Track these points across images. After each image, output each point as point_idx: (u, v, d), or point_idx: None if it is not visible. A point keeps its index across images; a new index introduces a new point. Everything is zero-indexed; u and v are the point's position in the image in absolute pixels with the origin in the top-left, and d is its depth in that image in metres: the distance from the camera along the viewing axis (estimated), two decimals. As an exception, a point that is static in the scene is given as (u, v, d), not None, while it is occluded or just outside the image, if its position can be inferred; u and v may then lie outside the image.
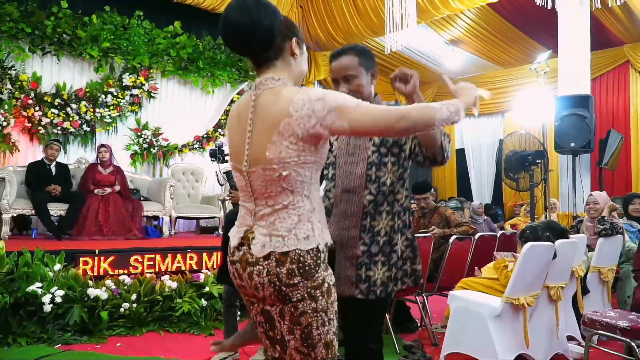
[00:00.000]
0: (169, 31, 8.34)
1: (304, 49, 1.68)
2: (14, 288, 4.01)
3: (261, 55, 1.57)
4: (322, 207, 1.62)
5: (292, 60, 1.62)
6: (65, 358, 3.63)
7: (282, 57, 1.60)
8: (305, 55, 1.68)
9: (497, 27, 8.73)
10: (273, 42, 1.55)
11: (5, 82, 6.83)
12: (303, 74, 1.67)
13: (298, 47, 1.63)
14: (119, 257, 4.73)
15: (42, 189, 6.16)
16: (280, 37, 1.57)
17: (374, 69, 2.10)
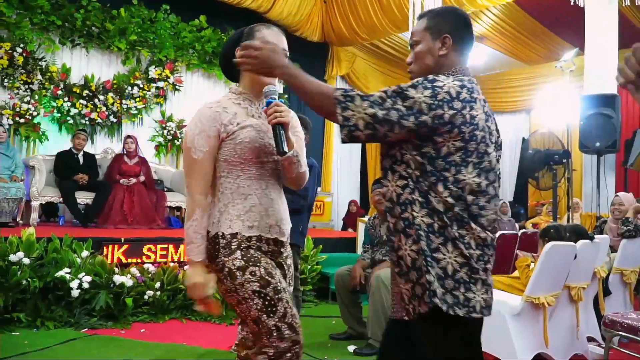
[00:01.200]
0: (194, 25, 8.44)
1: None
2: (43, 273, 4.14)
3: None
4: (247, 197, 1.75)
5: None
6: (91, 342, 3.74)
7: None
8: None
9: (522, 24, 8.65)
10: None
11: (35, 73, 6.99)
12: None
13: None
14: (132, 246, 4.81)
15: (70, 177, 6.32)
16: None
17: (446, 35, 1.64)
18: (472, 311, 1.49)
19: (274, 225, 1.79)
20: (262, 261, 1.73)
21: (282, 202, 1.87)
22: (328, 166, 10.35)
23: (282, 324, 1.70)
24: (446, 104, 1.46)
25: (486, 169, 1.54)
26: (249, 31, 1.82)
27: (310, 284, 5.57)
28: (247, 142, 1.73)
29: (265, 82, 1.77)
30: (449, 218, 1.50)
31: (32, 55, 6.98)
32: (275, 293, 1.71)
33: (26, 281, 4.01)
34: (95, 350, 3.56)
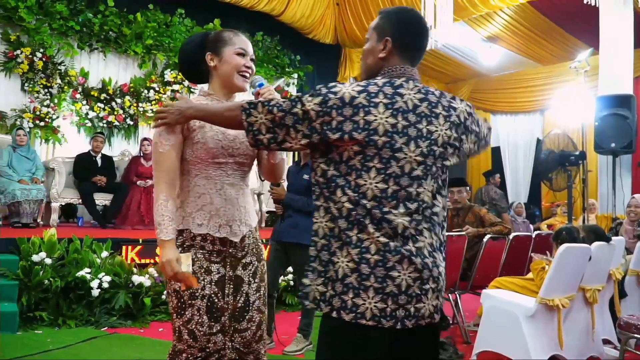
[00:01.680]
0: (208, 28, 8.53)
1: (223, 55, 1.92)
2: (64, 273, 4.25)
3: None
4: (200, 196, 1.86)
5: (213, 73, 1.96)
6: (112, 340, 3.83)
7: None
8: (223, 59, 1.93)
9: (536, 24, 8.62)
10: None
11: (55, 77, 7.13)
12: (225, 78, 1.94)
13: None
14: (145, 247, 4.90)
15: (89, 179, 6.44)
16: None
17: (387, 37, 1.59)
18: (360, 317, 1.42)
19: (224, 225, 1.88)
20: (195, 264, 1.83)
21: (241, 203, 1.93)
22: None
23: (184, 328, 1.82)
24: (335, 111, 1.44)
25: (395, 174, 1.45)
26: (218, 36, 1.94)
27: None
28: (202, 143, 1.84)
29: (234, 83, 1.91)
30: (350, 222, 1.45)
31: (52, 60, 7.12)
32: (189, 298, 1.81)
33: (48, 281, 4.12)
34: (115, 348, 3.65)
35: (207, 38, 1.97)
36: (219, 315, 1.86)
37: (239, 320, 1.90)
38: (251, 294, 1.94)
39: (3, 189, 5.76)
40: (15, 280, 4.10)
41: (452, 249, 4.23)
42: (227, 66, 1.91)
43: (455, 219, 4.82)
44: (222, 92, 1.95)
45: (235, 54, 1.90)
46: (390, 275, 1.43)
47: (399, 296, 1.43)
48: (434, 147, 1.50)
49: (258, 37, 9.10)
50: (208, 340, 1.82)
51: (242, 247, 1.94)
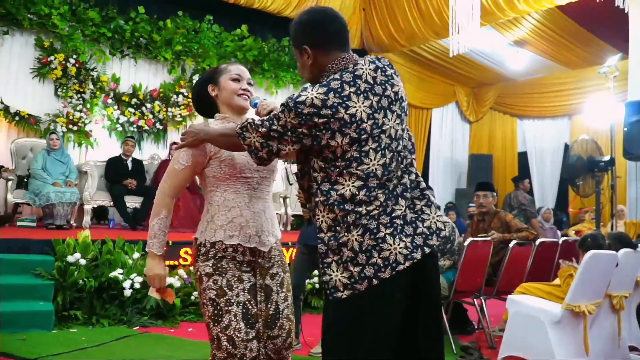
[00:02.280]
0: (236, 34, 8.68)
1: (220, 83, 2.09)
2: (98, 273, 4.39)
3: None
4: (231, 209, 1.95)
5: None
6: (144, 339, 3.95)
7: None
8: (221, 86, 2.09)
9: (564, 28, 8.54)
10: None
11: (87, 82, 7.34)
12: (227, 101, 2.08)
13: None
14: (170, 248, 4.94)
15: (120, 182, 6.61)
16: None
17: (304, 46, 1.68)
18: (397, 265, 1.55)
19: (254, 236, 1.98)
20: (228, 273, 1.92)
21: (267, 215, 2.05)
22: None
23: (223, 334, 1.87)
24: (314, 116, 1.53)
25: (387, 145, 1.60)
26: (215, 70, 2.14)
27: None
28: (230, 160, 1.95)
29: (235, 103, 2.06)
30: (357, 202, 1.58)
31: (84, 66, 7.33)
32: (226, 305, 1.89)
33: (82, 281, 4.26)
34: (147, 347, 3.77)
35: (208, 74, 2.17)
36: (254, 321, 1.93)
37: (270, 327, 1.98)
38: (280, 303, 2.03)
39: (38, 192, 5.94)
40: (51, 280, 4.25)
41: (477, 254, 4.25)
42: (225, 92, 2.07)
43: (481, 224, 4.82)
44: (232, 113, 2.09)
45: (230, 79, 2.07)
46: (394, 216, 1.58)
47: (405, 227, 1.60)
48: (403, 104, 1.67)
49: (285, 42, 9.21)
50: (245, 347, 1.88)
51: (269, 257, 2.04)
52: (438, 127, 11.92)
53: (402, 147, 1.66)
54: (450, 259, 4.16)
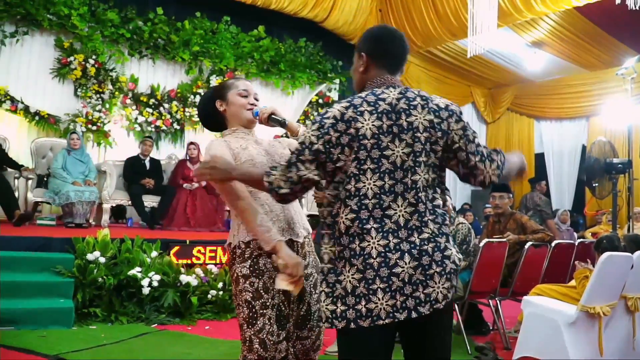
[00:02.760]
0: (253, 35, 8.75)
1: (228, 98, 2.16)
2: (117, 271, 4.47)
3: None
4: (260, 206, 1.98)
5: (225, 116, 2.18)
6: (162, 337, 4.02)
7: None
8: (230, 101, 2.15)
9: (582, 30, 8.48)
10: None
11: (106, 83, 7.46)
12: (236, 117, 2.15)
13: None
14: (182, 247, 5.05)
15: (138, 182, 6.71)
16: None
17: (361, 53, 1.76)
18: (377, 319, 1.55)
19: (287, 229, 2.02)
20: (265, 275, 1.95)
21: (295, 208, 2.11)
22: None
23: (255, 337, 1.91)
24: (331, 129, 1.58)
25: (388, 170, 1.58)
26: (222, 85, 2.20)
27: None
28: (250, 160, 2.01)
29: (244, 117, 2.12)
30: (351, 235, 1.58)
31: (104, 67, 7.44)
32: (261, 308, 1.92)
33: (102, 279, 4.34)
34: (165, 344, 3.82)
35: (215, 89, 2.24)
36: (285, 322, 1.97)
37: (300, 328, 2.02)
38: (312, 304, 2.05)
39: (57, 191, 6.05)
40: (71, 278, 4.33)
41: (492, 256, 4.25)
42: (233, 107, 2.14)
43: (497, 225, 4.82)
44: (242, 125, 2.16)
45: (238, 95, 2.13)
46: (394, 272, 1.53)
47: (404, 287, 1.53)
48: (418, 134, 1.60)
49: (301, 43, 9.26)
50: (276, 349, 1.92)
51: (303, 254, 2.06)
52: (454, 128, 11.87)
53: (412, 182, 1.59)
54: (465, 259, 4.16)
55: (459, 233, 4.27)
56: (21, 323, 3.89)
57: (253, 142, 2.12)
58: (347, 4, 8.94)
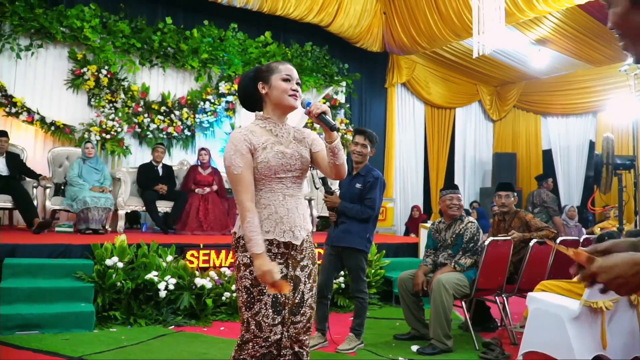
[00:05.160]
0: (260, 41, 8.91)
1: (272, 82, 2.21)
2: (134, 276, 4.62)
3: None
4: (266, 207, 2.13)
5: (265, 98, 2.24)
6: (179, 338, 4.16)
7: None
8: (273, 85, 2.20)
9: (586, 26, 8.54)
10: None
11: (119, 92, 7.64)
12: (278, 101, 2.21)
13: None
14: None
15: (151, 188, 6.88)
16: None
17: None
18: None
19: (288, 231, 2.16)
20: None
21: (300, 211, 2.21)
22: (390, 173, 10.55)
23: (252, 319, 2.10)
24: None
25: None
26: (267, 67, 2.25)
27: (374, 287, 5.82)
28: (265, 162, 2.11)
29: (286, 103, 2.19)
30: None
31: (116, 76, 7.63)
32: (258, 294, 2.10)
33: (120, 283, 4.50)
34: (183, 345, 3.97)
35: (258, 70, 2.29)
36: (281, 309, 2.14)
37: (294, 314, 2.18)
38: (306, 292, 2.22)
39: (75, 197, 6.23)
40: (91, 283, 4.50)
41: (498, 253, 4.35)
42: (276, 91, 2.19)
43: (502, 224, 4.92)
44: (275, 114, 2.24)
45: (281, 79, 2.19)
46: None
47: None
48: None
49: (307, 47, 9.40)
50: (271, 331, 2.10)
51: (301, 250, 2.22)
52: (462, 127, 11.97)
53: None
54: (471, 257, 4.27)
55: (467, 231, 4.37)
56: (45, 327, 4.05)
57: (277, 141, 2.18)
58: (351, 8, 9.07)
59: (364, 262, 4.06)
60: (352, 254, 4.00)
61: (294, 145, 2.23)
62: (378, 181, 4.01)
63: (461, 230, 4.40)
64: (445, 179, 11.16)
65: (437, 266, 4.43)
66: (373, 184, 3.98)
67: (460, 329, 4.81)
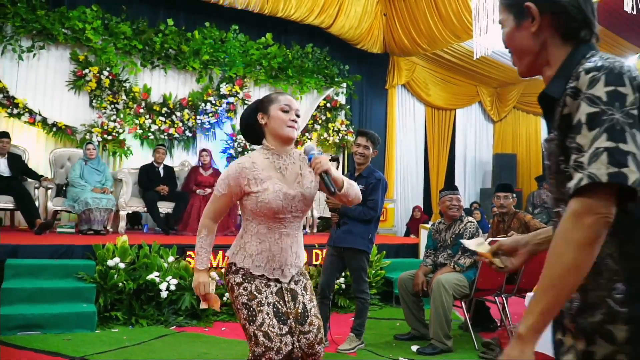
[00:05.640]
0: (261, 42, 8.93)
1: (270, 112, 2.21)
2: (136, 276, 4.65)
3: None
4: (262, 242, 2.15)
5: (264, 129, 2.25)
6: (181, 338, 4.19)
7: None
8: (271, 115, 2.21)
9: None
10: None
11: (120, 93, 7.68)
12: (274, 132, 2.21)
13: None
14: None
15: (152, 188, 6.90)
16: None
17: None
18: None
19: (277, 269, 2.18)
20: (256, 280, 2.15)
21: (293, 250, 2.23)
22: (390, 174, 10.58)
23: (259, 331, 2.06)
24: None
25: None
26: (266, 98, 2.27)
27: (375, 288, 5.84)
28: (266, 203, 2.11)
29: (283, 134, 2.18)
30: None
31: (117, 78, 7.66)
32: (258, 305, 2.10)
33: (122, 284, 4.52)
34: (184, 345, 4.00)
35: (258, 102, 2.31)
36: (285, 318, 2.13)
37: (301, 324, 2.16)
38: (307, 303, 2.22)
39: (76, 198, 6.25)
40: (93, 283, 4.53)
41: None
42: (274, 121, 2.18)
43: (501, 225, 4.94)
44: (275, 143, 2.22)
45: (280, 110, 2.18)
46: None
47: None
48: None
49: (308, 48, 9.43)
50: (281, 341, 2.06)
51: (289, 281, 2.25)
52: (462, 128, 12.00)
53: None
54: (471, 257, 4.30)
55: (466, 231, 4.40)
56: (47, 327, 4.08)
57: (280, 175, 2.17)
58: (352, 10, 9.10)
59: (365, 263, 4.09)
60: (354, 255, 4.03)
61: (298, 184, 2.20)
62: (380, 183, 4.04)
63: (461, 230, 4.43)
64: (446, 180, 11.19)
65: (437, 266, 4.45)
66: (375, 185, 4.01)
67: (460, 329, 4.84)
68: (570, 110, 1.11)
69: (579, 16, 1.22)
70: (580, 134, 1.05)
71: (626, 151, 0.99)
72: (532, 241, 1.48)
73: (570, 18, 1.22)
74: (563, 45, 1.24)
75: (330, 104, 9.58)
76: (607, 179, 0.98)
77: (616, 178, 0.97)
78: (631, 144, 1.00)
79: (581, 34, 1.23)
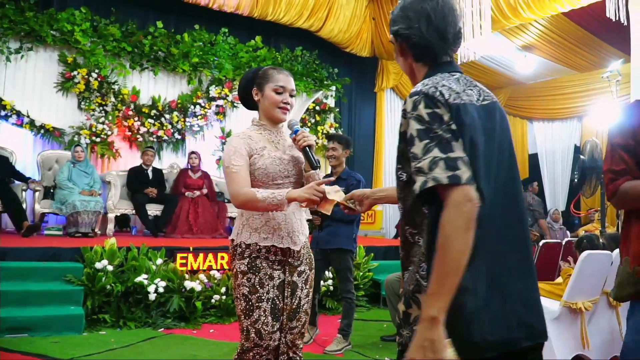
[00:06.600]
0: (250, 45, 8.97)
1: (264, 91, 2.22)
2: (124, 279, 4.66)
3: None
4: (264, 213, 2.14)
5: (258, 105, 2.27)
6: (169, 340, 4.21)
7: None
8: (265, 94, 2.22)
9: (570, 33, 8.68)
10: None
11: (109, 96, 7.67)
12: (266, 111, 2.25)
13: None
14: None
15: (141, 191, 6.91)
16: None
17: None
18: None
19: (286, 237, 2.18)
20: (261, 272, 2.14)
21: (297, 216, 2.24)
22: (379, 176, 10.63)
23: (252, 327, 2.11)
24: None
25: None
26: (263, 73, 2.25)
27: (362, 289, 5.89)
28: (263, 169, 2.14)
29: (274, 116, 2.22)
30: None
31: (106, 80, 7.65)
32: (257, 301, 2.12)
33: (110, 286, 4.53)
34: (173, 347, 4.02)
35: (256, 73, 2.28)
36: (280, 315, 2.17)
37: (291, 320, 2.21)
38: (302, 298, 2.25)
39: (64, 201, 6.24)
40: (81, 286, 4.53)
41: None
42: (267, 101, 2.22)
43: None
44: (267, 122, 2.26)
45: (274, 90, 2.19)
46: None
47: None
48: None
49: (297, 52, 9.47)
50: (270, 338, 2.12)
51: (298, 256, 2.24)
52: (450, 131, 12.06)
53: None
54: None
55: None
56: (35, 330, 4.09)
57: (273, 146, 2.21)
58: (341, 14, 9.16)
59: (351, 262, 4.17)
60: (341, 255, 4.09)
61: (291, 150, 2.25)
62: (360, 184, 4.12)
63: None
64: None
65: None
66: (357, 186, 4.07)
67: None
68: (404, 128, 1.35)
69: (422, 42, 1.44)
70: (414, 145, 1.28)
71: (455, 157, 1.23)
72: (373, 195, 1.97)
73: (414, 45, 1.46)
74: (422, 67, 1.49)
75: (320, 106, 9.63)
76: (447, 180, 1.20)
77: (454, 179, 1.20)
78: (458, 151, 1.24)
79: (431, 57, 1.46)
